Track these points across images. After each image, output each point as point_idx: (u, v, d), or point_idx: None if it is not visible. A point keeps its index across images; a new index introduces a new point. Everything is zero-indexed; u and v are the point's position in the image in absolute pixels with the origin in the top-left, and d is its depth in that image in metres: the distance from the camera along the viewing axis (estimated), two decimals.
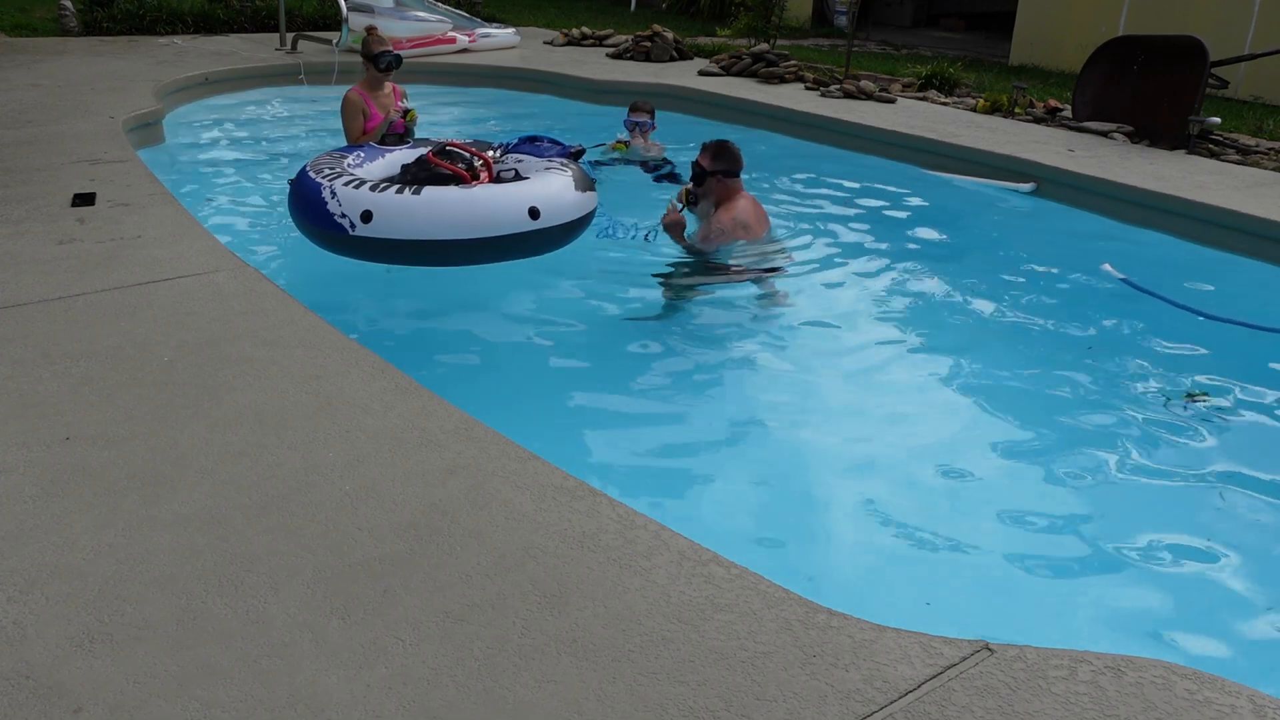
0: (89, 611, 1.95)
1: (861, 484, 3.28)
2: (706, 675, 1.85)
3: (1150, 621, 2.72)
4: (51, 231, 4.06)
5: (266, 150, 6.90)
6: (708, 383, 3.92)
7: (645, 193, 6.02)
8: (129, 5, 10.22)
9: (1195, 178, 6.15)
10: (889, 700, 1.81)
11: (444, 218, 3.81)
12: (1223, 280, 5.16)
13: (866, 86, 8.47)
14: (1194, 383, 3.93)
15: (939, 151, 6.91)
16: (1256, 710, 1.82)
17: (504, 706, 1.76)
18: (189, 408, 2.72)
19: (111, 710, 1.72)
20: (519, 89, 9.10)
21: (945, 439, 3.55)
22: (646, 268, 4.75)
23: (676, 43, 10.14)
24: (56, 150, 5.36)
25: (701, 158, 4.61)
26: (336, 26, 9.13)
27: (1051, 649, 1.97)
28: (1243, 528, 3.11)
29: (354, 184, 3.93)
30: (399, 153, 4.54)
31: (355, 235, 3.84)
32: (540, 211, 3.93)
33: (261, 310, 3.38)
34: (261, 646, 1.88)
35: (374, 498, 2.36)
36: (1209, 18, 10.12)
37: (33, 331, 3.14)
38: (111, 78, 7.54)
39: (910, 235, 5.74)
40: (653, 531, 2.28)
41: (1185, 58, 7.08)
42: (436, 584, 2.07)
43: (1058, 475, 3.34)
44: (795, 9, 14.21)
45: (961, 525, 3.05)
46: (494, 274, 4.68)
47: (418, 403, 2.81)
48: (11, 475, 2.38)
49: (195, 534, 2.20)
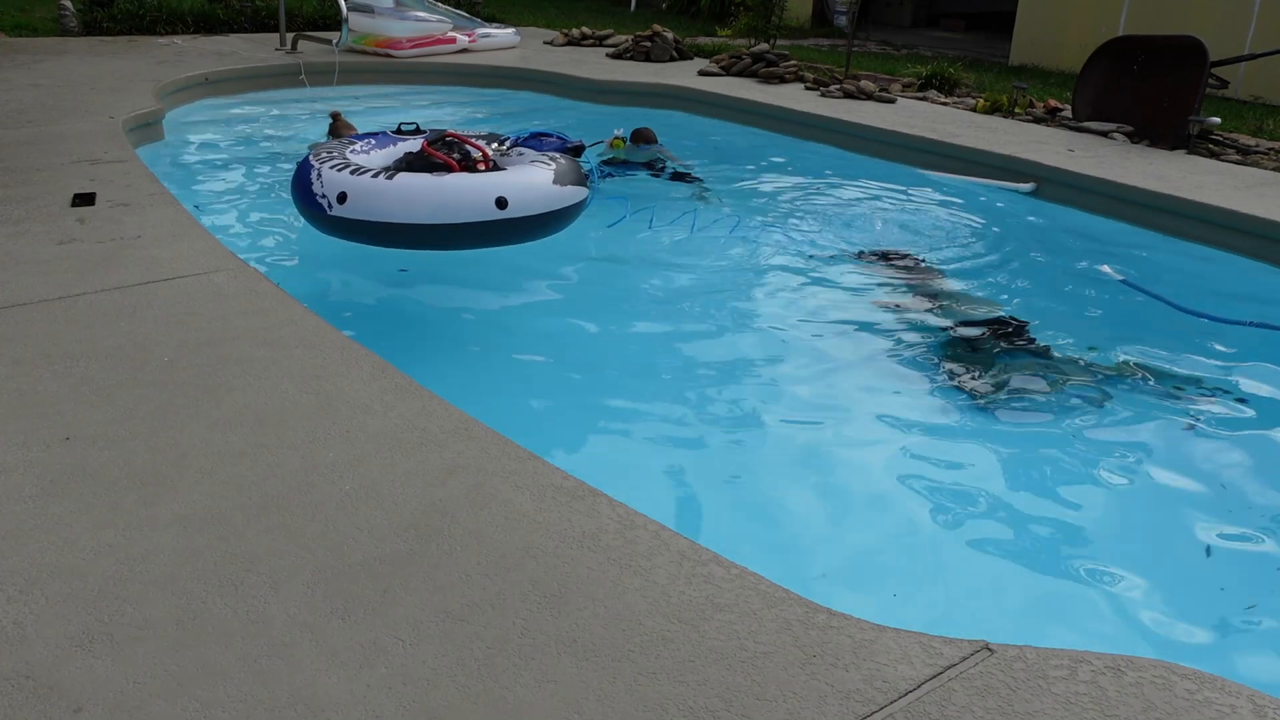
0: (89, 611, 1.95)
1: (861, 484, 3.28)
2: (706, 675, 1.85)
3: (1150, 621, 2.72)
4: (51, 231, 4.06)
5: (266, 150, 6.90)
6: (708, 383, 3.92)
7: (653, 188, 6.06)
8: (129, 5, 10.21)
9: (1195, 178, 6.14)
10: (889, 700, 1.81)
11: (412, 202, 3.99)
12: (1223, 280, 5.17)
13: (866, 86, 8.47)
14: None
15: (939, 151, 6.90)
16: (1256, 710, 1.82)
17: (504, 706, 1.77)
18: (189, 408, 2.72)
19: (111, 710, 1.72)
20: (519, 89, 9.09)
21: (945, 439, 3.55)
22: (647, 267, 4.76)
23: (676, 43, 10.13)
24: (56, 150, 5.36)
25: None
26: (336, 26, 9.12)
27: (1051, 649, 1.97)
28: (1243, 528, 3.11)
29: (339, 167, 4.11)
30: (408, 142, 4.65)
31: (331, 215, 4.07)
32: (508, 202, 4.05)
33: (261, 310, 3.38)
34: (261, 646, 1.88)
35: (374, 498, 2.36)
36: (1209, 18, 10.12)
37: (33, 331, 3.14)
38: (111, 78, 7.54)
39: (910, 235, 5.74)
40: (653, 531, 2.28)
41: (1185, 58, 7.08)
42: (436, 584, 2.07)
43: (1058, 475, 3.34)
44: (795, 9, 14.21)
45: (962, 525, 3.06)
46: (494, 274, 4.69)
47: (418, 403, 2.81)
48: (11, 475, 2.38)
49: (195, 534, 2.20)
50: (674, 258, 5.16)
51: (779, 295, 4.79)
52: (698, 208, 5.77)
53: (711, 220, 5.60)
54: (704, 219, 5.62)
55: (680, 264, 5.08)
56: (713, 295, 4.73)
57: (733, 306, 4.62)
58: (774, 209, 6.10)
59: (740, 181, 6.64)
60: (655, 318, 4.46)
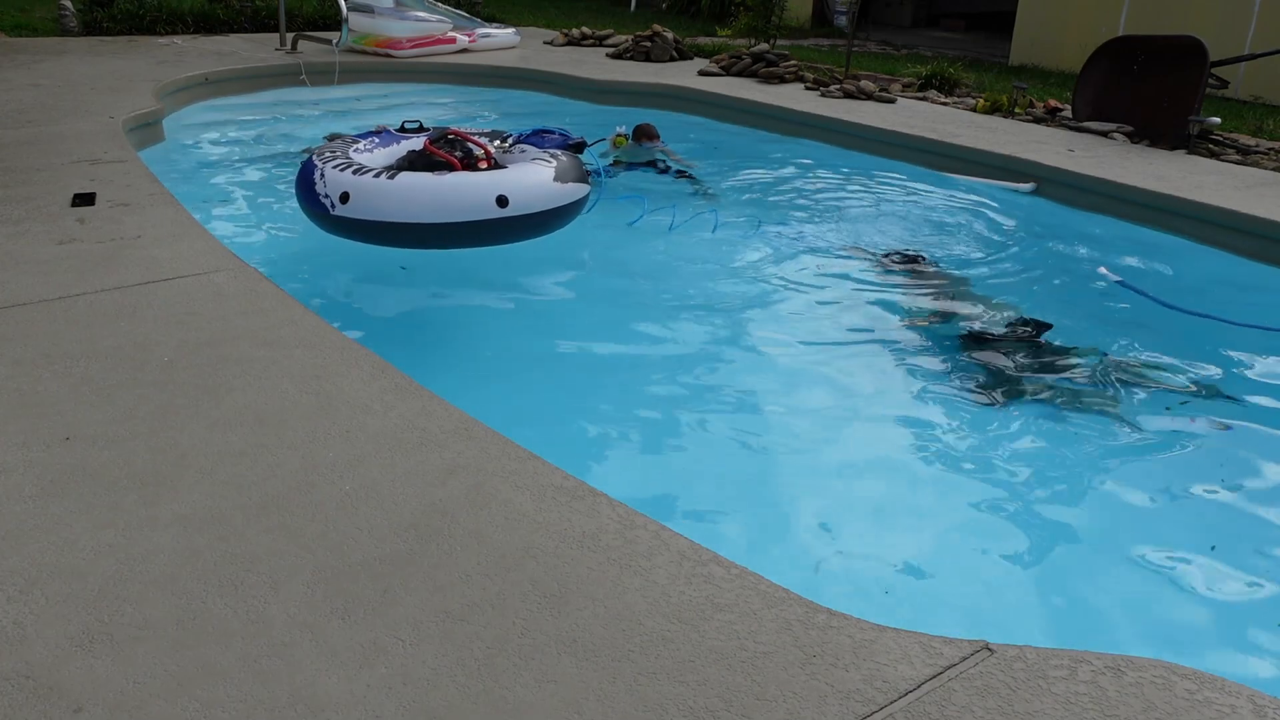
0: (89, 611, 1.95)
1: (862, 484, 3.28)
2: (706, 675, 1.85)
3: (1150, 621, 2.72)
4: (51, 231, 4.06)
5: (266, 150, 6.90)
6: (709, 383, 3.92)
7: (661, 187, 6.06)
8: (129, 5, 10.21)
9: (1195, 178, 6.14)
10: (889, 700, 1.81)
11: (414, 202, 4.00)
12: (1222, 280, 5.17)
13: (866, 86, 8.47)
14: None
15: (939, 151, 6.90)
16: (1256, 710, 1.82)
17: (504, 706, 1.77)
18: (189, 408, 2.72)
19: (111, 710, 1.72)
20: (519, 89, 9.09)
21: (945, 439, 3.55)
22: (648, 267, 4.76)
23: (676, 43, 10.13)
24: (56, 150, 5.36)
25: None
26: (336, 26, 9.12)
27: (1051, 649, 1.97)
28: (1244, 528, 3.11)
29: (342, 166, 4.12)
30: (411, 140, 4.67)
31: (335, 215, 4.08)
32: (509, 200, 4.06)
33: (261, 310, 3.38)
34: (261, 646, 1.88)
35: (374, 498, 2.36)
36: (1209, 18, 10.12)
37: (33, 331, 3.14)
38: (111, 78, 7.54)
39: (910, 235, 5.74)
40: (653, 531, 2.28)
41: (1185, 58, 7.08)
42: (436, 584, 2.07)
43: (1058, 475, 3.34)
44: (795, 9, 14.21)
45: (962, 525, 3.06)
46: (495, 273, 4.69)
47: (418, 403, 2.81)
48: (11, 475, 2.38)
49: (195, 534, 2.20)
50: (675, 258, 5.16)
51: (779, 295, 4.79)
52: (717, 210, 5.77)
53: (722, 222, 5.60)
54: (702, 219, 5.62)
55: (681, 264, 5.08)
56: (714, 295, 4.73)
57: (734, 306, 4.62)
58: (773, 209, 6.10)
59: (739, 181, 6.64)
60: (657, 318, 4.46)
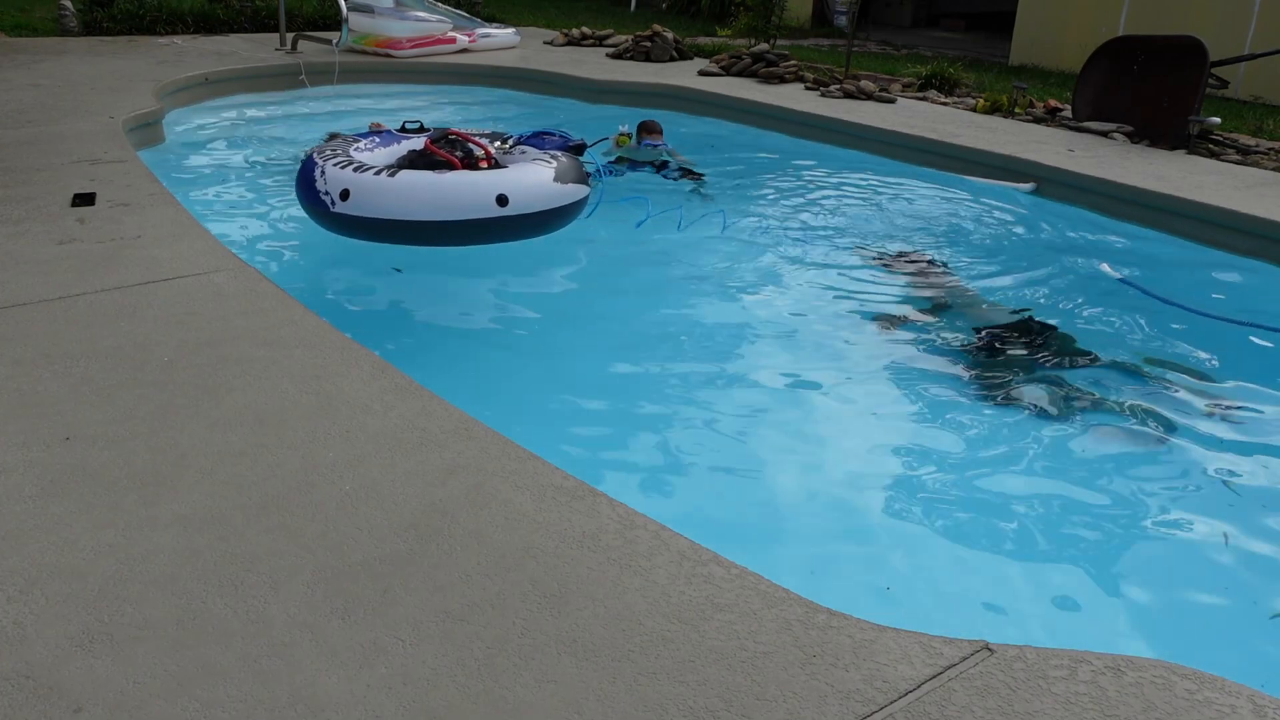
0: (89, 611, 1.95)
1: (861, 484, 3.28)
2: (706, 675, 1.85)
3: (1150, 621, 2.72)
4: (51, 231, 4.06)
5: (266, 150, 6.90)
6: (711, 382, 3.92)
7: (667, 187, 6.07)
8: (129, 5, 10.20)
9: (1195, 178, 6.14)
10: (889, 700, 1.81)
11: (414, 199, 4.03)
12: (1222, 280, 5.17)
13: (866, 86, 8.47)
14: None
15: (939, 151, 6.90)
16: (1256, 710, 1.82)
17: (504, 706, 1.76)
18: (189, 408, 2.72)
19: (111, 710, 1.72)
20: (519, 89, 9.09)
21: (945, 439, 3.55)
22: (649, 267, 4.76)
23: (676, 43, 10.13)
24: (56, 150, 5.36)
25: None
26: (336, 26, 9.11)
27: (1051, 649, 1.97)
28: (1244, 527, 3.11)
29: (342, 164, 4.15)
30: (412, 140, 4.69)
31: (335, 211, 4.11)
32: (509, 199, 4.08)
33: (261, 310, 3.38)
34: (261, 646, 1.88)
35: (374, 498, 2.36)
36: (1209, 18, 10.12)
37: (33, 331, 3.14)
38: (111, 78, 7.53)
39: (910, 235, 5.74)
40: (653, 531, 2.28)
41: (1185, 58, 7.08)
42: (436, 584, 2.07)
43: (1058, 475, 3.34)
44: (795, 9, 14.20)
45: (962, 525, 3.05)
46: (494, 273, 4.69)
47: (418, 403, 2.81)
48: (11, 475, 2.38)
49: (195, 534, 2.20)
50: (676, 258, 5.16)
51: (780, 295, 4.79)
52: (724, 210, 5.77)
53: (725, 221, 5.60)
54: (710, 219, 5.62)
55: (682, 264, 5.08)
56: (715, 295, 4.73)
57: (736, 307, 4.62)
58: (773, 209, 6.09)
59: (739, 182, 6.64)
60: (657, 318, 4.46)
